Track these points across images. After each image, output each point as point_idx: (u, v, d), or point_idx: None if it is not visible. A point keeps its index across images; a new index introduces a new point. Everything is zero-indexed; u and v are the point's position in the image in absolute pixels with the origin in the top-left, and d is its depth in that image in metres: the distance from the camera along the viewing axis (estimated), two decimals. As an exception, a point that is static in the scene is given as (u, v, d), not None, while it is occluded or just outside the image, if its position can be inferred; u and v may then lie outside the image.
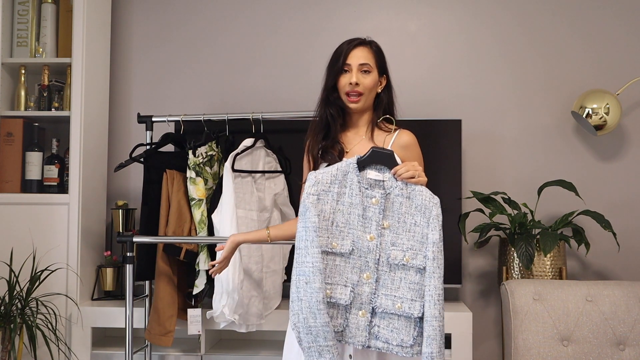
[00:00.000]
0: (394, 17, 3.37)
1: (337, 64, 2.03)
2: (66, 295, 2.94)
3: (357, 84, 2.00)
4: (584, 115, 3.05)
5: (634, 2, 3.26)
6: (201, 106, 3.31)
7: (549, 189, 3.03)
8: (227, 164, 2.63)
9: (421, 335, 1.80)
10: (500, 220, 3.03)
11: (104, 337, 3.16)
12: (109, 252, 3.17)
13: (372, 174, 1.84)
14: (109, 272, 3.13)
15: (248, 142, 2.73)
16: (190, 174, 2.71)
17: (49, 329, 2.77)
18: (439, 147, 3.04)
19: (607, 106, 3.02)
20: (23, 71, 3.13)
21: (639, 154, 3.22)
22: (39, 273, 2.82)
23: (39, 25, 3.18)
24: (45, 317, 2.79)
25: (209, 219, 2.69)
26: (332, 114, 2.04)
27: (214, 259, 2.63)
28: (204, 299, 2.82)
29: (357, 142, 2.05)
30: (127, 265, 2.69)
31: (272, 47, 3.40)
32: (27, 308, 2.76)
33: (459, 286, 3.10)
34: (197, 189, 2.71)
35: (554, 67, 3.28)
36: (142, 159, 2.78)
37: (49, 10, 3.17)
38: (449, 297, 3.08)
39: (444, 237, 1.82)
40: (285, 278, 2.96)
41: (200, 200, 2.71)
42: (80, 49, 3.05)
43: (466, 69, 3.32)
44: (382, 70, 2.08)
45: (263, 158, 2.83)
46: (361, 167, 1.84)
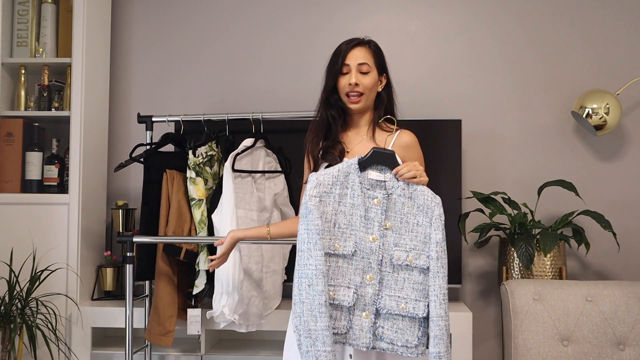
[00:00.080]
0: (394, 17, 3.37)
1: (336, 65, 2.03)
2: (66, 295, 2.94)
3: (356, 84, 2.00)
4: (584, 115, 3.05)
5: (634, 2, 3.26)
6: (201, 106, 3.31)
7: (549, 189, 3.03)
8: (227, 164, 2.63)
9: (425, 335, 1.80)
10: (500, 220, 3.03)
11: (104, 337, 3.15)
12: (109, 252, 3.17)
13: (374, 174, 1.83)
14: (109, 272, 3.12)
15: (248, 142, 2.73)
16: (190, 174, 2.71)
17: (49, 329, 2.77)
18: (439, 147, 3.04)
19: (607, 106, 3.02)
20: (23, 71, 3.12)
21: (639, 154, 3.23)
22: (39, 273, 2.82)
23: (39, 25, 3.17)
24: (45, 317, 2.79)
25: (209, 219, 2.69)
26: (332, 115, 2.04)
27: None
28: (204, 299, 2.83)
29: (358, 142, 2.05)
30: (127, 265, 2.69)
31: (272, 47, 3.40)
32: (27, 308, 2.75)
33: (459, 286, 3.10)
34: (197, 189, 2.71)
35: (554, 67, 3.28)
36: (142, 159, 2.78)
37: (49, 10, 3.16)
38: (449, 297, 3.06)
39: (443, 237, 1.83)
40: (286, 278, 2.96)
41: (200, 200, 2.71)
42: (80, 49, 3.05)
43: (466, 69, 3.32)
44: (382, 69, 2.07)
45: (263, 158, 2.83)
46: (362, 167, 1.83)
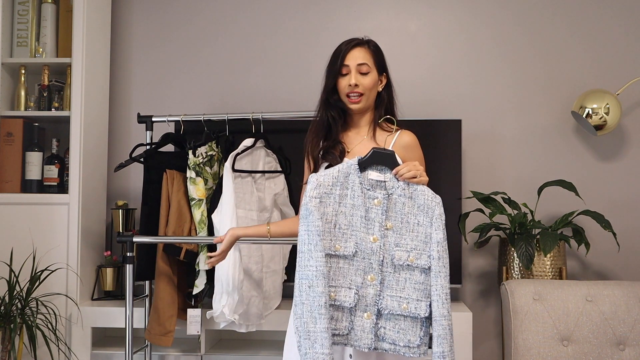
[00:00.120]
0: (394, 17, 3.37)
1: (335, 66, 2.02)
2: (66, 295, 2.94)
3: (356, 85, 2.00)
4: (584, 115, 3.05)
5: (634, 2, 3.26)
6: (201, 106, 3.31)
7: (549, 189, 3.03)
8: (227, 164, 2.63)
9: (427, 335, 1.80)
10: (500, 220, 3.03)
11: (104, 337, 3.15)
12: (109, 252, 3.17)
13: (374, 174, 1.82)
14: (109, 272, 3.12)
15: (248, 142, 2.73)
16: (190, 174, 2.71)
17: (49, 329, 2.77)
18: (439, 147, 3.04)
19: (607, 106, 3.02)
20: (23, 71, 3.12)
21: (639, 154, 3.23)
22: (39, 273, 2.82)
23: (39, 25, 3.17)
24: (45, 317, 2.79)
25: (209, 219, 2.69)
26: (332, 116, 2.04)
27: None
28: (204, 299, 2.82)
29: (358, 141, 2.04)
30: (127, 265, 2.69)
31: (272, 47, 3.40)
32: (27, 308, 2.75)
33: (459, 286, 3.10)
34: (197, 189, 2.71)
35: (554, 67, 3.28)
36: (142, 159, 2.78)
37: (49, 10, 3.16)
38: (449, 297, 3.08)
39: (444, 237, 1.82)
40: (286, 278, 2.96)
41: (200, 200, 2.71)
42: (80, 49, 3.05)
43: (466, 69, 3.32)
44: (382, 68, 2.07)
45: (263, 158, 2.83)
46: (362, 168, 1.83)
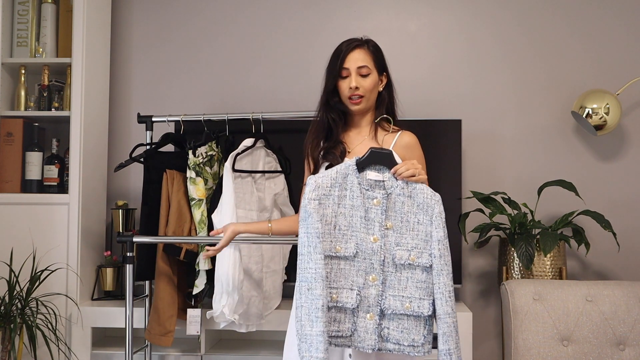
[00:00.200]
0: (394, 17, 3.37)
1: (335, 68, 2.02)
2: (66, 295, 2.94)
3: (357, 87, 2.00)
4: (584, 115, 3.05)
5: (634, 2, 3.26)
6: (201, 106, 3.31)
7: (549, 189, 3.03)
8: (227, 164, 2.63)
9: (430, 333, 1.79)
10: (500, 220, 3.03)
11: (104, 337, 3.16)
12: (109, 252, 3.17)
13: (372, 174, 1.82)
14: (109, 272, 3.12)
15: (248, 142, 2.73)
16: (190, 174, 2.71)
17: (49, 329, 2.77)
18: (439, 147, 3.04)
19: (607, 106, 3.01)
20: (23, 71, 3.12)
21: (639, 154, 3.23)
22: (39, 273, 2.82)
23: (39, 25, 3.17)
24: (45, 317, 2.79)
25: (209, 219, 2.69)
26: (333, 118, 2.04)
27: (214, 258, 2.63)
28: (204, 299, 2.82)
29: (359, 142, 2.05)
30: (127, 265, 2.69)
31: (272, 47, 3.40)
32: (27, 308, 2.75)
33: (459, 286, 3.10)
34: (197, 189, 2.71)
35: (554, 67, 3.28)
36: (142, 159, 2.78)
37: (49, 10, 3.16)
38: (449, 297, 3.08)
39: (444, 237, 1.82)
40: (286, 278, 2.96)
41: (200, 200, 2.71)
42: (80, 49, 3.05)
43: (466, 69, 3.32)
44: (382, 68, 2.07)
45: (263, 158, 2.83)
46: (360, 168, 1.82)
